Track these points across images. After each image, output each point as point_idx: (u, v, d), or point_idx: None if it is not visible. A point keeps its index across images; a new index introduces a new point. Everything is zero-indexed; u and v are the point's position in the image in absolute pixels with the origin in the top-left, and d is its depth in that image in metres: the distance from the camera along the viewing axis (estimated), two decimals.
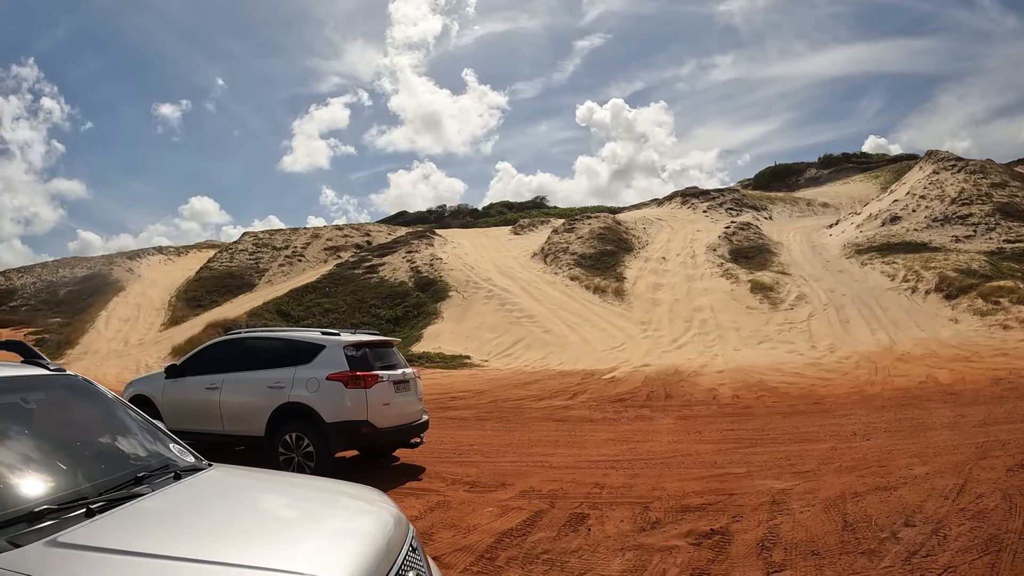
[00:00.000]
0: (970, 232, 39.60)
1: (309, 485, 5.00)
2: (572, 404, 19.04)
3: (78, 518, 3.33)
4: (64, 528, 3.18)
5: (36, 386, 4.24)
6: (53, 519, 3.26)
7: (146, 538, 3.33)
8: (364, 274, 48.55)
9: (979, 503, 7.78)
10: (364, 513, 4.19)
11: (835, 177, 75.61)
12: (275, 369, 11.64)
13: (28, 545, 2.98)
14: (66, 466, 3.92)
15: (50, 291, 58.83)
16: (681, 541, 7.43)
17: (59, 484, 3.67)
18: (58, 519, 3.28)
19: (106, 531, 3.26)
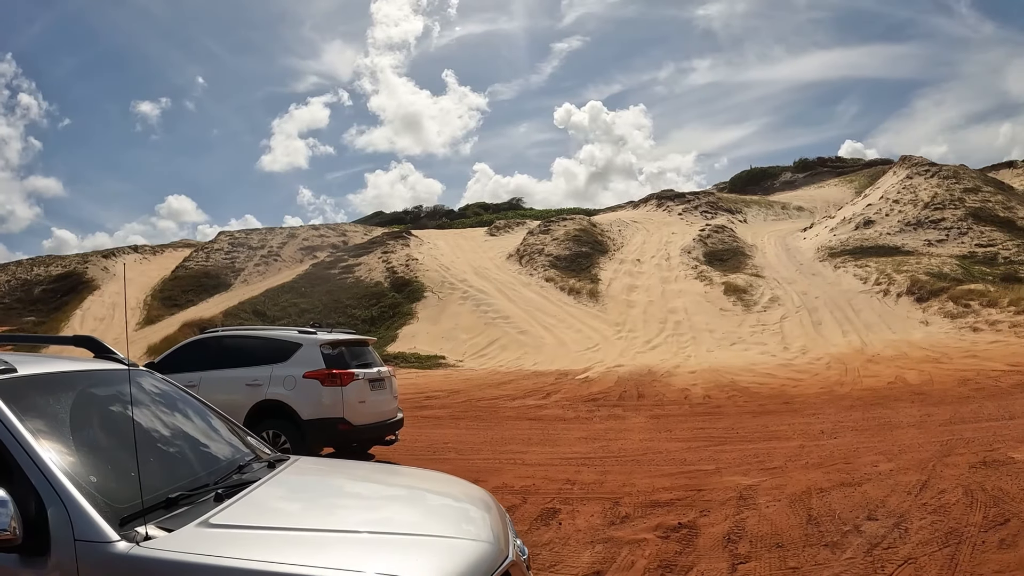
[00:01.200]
0: (942, 236, 39.94)
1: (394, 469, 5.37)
2: (546, 403, 19.16)
3: (210, 503, 3.50)
4: (203, 512, 3.34)
5: (120, 380, 4.32)
6: (188, 504, 3.44)
7: (283, 517, 3.69)
8: (340, 274, 48.52)
9: (941, 498, 7.95)
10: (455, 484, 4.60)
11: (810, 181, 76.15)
12: (252, 367, 11.70)
13: (180, 529, 3.14)
14: (176, 456, 4.13)
15: (24, 290, 58.44)
16: (650, 534, 7.55)
17: (177, 473, 3.88)
18: (193, 504, 3.46)
19: (245, 513, 3.47)
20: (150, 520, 3.12)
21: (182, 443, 4.30)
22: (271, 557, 2.96)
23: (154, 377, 4.75)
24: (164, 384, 4.76)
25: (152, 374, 4.79)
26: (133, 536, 2.99)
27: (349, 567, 2.95)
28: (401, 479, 4.91)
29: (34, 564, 2.94)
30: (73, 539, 2.94)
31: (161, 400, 4.53)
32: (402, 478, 4.95)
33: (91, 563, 2.91)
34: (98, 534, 2.96)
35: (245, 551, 3.00)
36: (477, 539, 3.51)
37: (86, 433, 3.79)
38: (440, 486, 4.56)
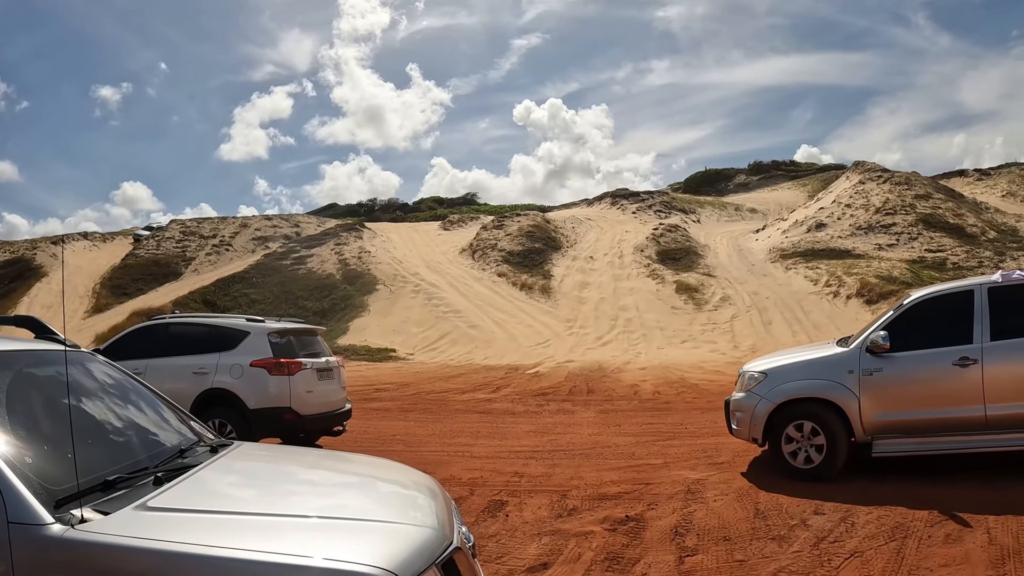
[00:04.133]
0: (893, 241, 40.41)
1: (340, 456, 5.45)
2: (495, 397, 19.14)
3: (149, 486, 3.41)
4: (141, 496, 3.26)
5: (60, 361, 4.20)
6: (125, 487, 3.34)
7: (225, 501, 3.63)
8: (292, 265, 48.22)
9: (888, 493, 7.98)
10: (401, 471, 4.57)
11: (764, 184, 76.74)
12: (199, 355, 11.57)
13: (117, 512, 3.05)
14: (117, 439, 4.06)
15: None
16: (597, 527, 7.52)
17: (115, 456, 3.80)
18: (130, 487, 3.36)
19: (185, 496, 3.39)
20: (86, 503, 3.02)
21: (124, 427, 4.21)
22: (211, 541, 2.88)
23: (97, 360, 4.63)
24: (108, 368, 4.65)
25: (96, 357, 4.68)
26: (68, 519, 2.90)
27: (292, 551, 2.88)
28: (348, 465, 4.83)
29: None
30: (7, 521, 2.85)
31: (104, 383, 4.43)
32: (349, 464, 4.87)
33: (25, 546, 2.83)
34: (32, 516, 2.87)
35: (183, 535, 2.92)
36: (422, 524, 3.45)
37: (22, 413, 3.70)
38: (386, 472, 4.51)
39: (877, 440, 8.70)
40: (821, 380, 9.07)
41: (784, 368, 9.51)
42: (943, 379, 8.57)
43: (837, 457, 8.78)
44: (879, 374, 8.76)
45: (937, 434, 8.53)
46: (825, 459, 8.80)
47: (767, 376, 9.43)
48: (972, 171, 64.04)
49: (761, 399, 9.27)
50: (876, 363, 8.78)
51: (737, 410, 9.64)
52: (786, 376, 9.35)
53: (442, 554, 3.30)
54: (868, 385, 8.77)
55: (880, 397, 8.73)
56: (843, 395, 8.83)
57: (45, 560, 2.81)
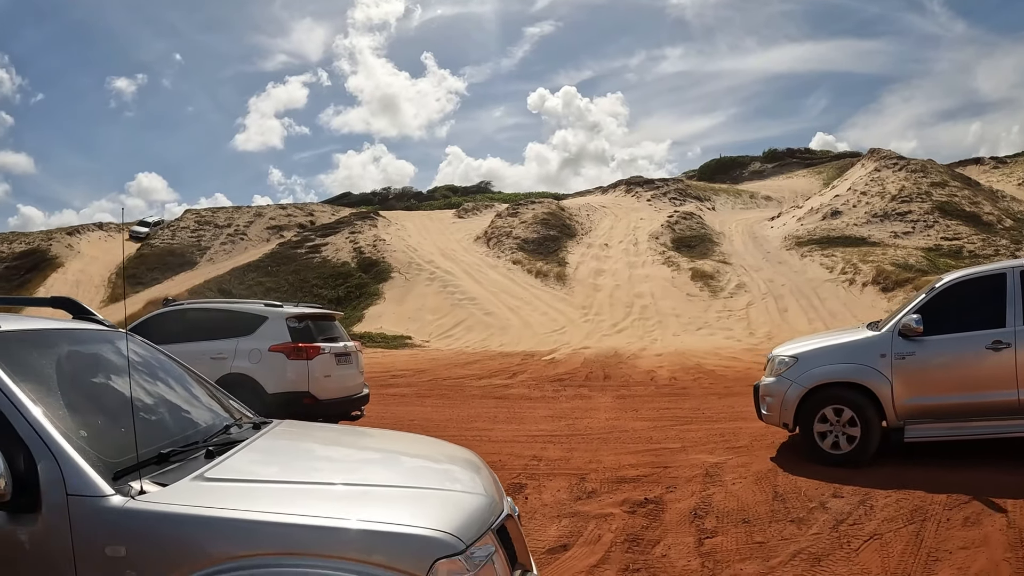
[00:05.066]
0: (909, 229, 40.25)
1: (382, 432, 5.52)
2: (512, 383, 19.17)
3: (201, 459, 3.47)
4: (197, 468, 3.31)
5: (101, 340, 4.30)
6: (179, 461, 3.41)
7: (278, 472, 3.74)
8: (307, 254, 48.34)
9: (908, 477, 7.98)
10: (444, 445, 4.71)
11: (779, 171, 76.34)
12: (217, 341, 11.57)
13: (175, 483, 3.11)
14: (164, 415, 4.10)
15: None
16: (616, 509, 7.55)
17: (165, 431, 3.85)
18: (184, 460, 3.43)
19: (240, 468, 3.47)
20: (143, 475, 3.08)
21: (169, 404, 4.25)
22: (271, 508, 2.97)
23: (135, 340, 4.66)
24: (146, 347, 4.71)
25: (134, 337, 4.71)
26: (127, 490, 2.95)
27: (354, 517, 2.99)
28: (392, 441, 4.95)
29: (21, 521, 2.90)
30: (65, 494, 2.89)
31: (147, 362, 4.49)
32: (393, 440, 4.99)
33: (85, 518, 2.87)
34: (92, 488, 2.92)
35: (242, 503, 3.00)
36: (476, 493, 3.56)
37: (72, 390, 3.73)
38: (430, 447, 4.61)
39: (909, 425, 8.63)
40: (853, 364, 8.99)
41: (815, 352, 9.43)
42: (976, 363, 8.50)
43: (870, 442, 8.72)
44: (912, 358, 8.69)
45: (970, 419, 8.47)
46: (858, 444, 8.74)
47: (798, 360, 9.35)
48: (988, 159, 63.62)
49: (792, 384, 9.19)
50: (909, 347, 8.70)
51: (767, 395, 9.56)
52: (817, 360, 9.27)
53: (496, 520, 3.39)
54: (900, 369, 8.69)
55: (913, 381, 8.66)
56: (875, 379, 8.75)
57: (106, 530, 2.85)
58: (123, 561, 2.82)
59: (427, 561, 2.85)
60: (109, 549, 2.83)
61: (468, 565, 2.94)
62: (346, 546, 2.84)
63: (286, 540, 2.83)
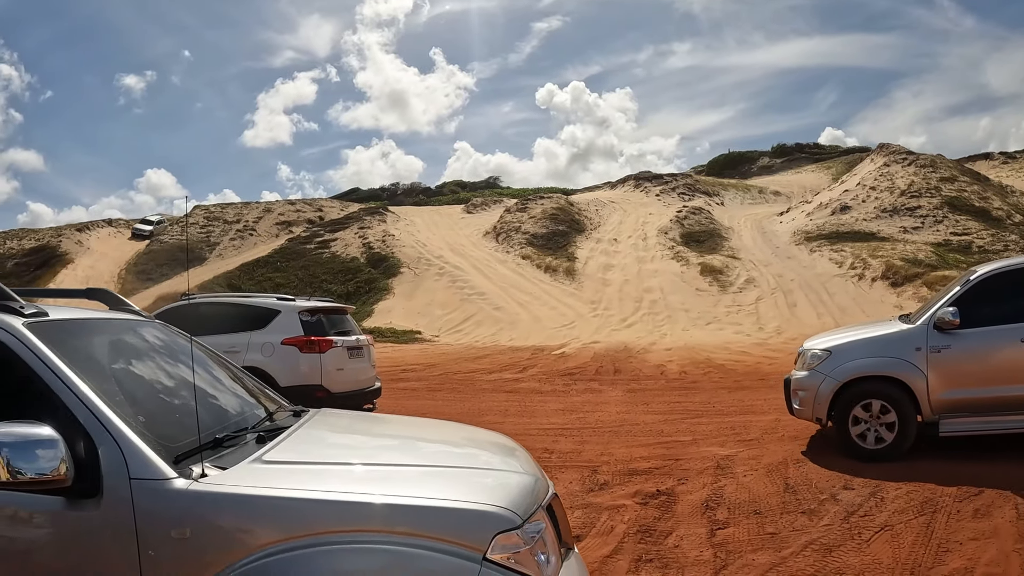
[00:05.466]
0: (918, 224, 40.18)
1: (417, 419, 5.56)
2: (522, 377, 19.23)
3: (252, 444, 3.56)
4: (252, 452, 3.39)
5: (143, 329, 4.38)
6: (231, 445, 3.50)
7: (331, 454, 3.81)
8: (316, 249, 48.46)
9: (918, 469, 8.03)
10: (482, 431, 4.81)
11: (788, 166, 76.21)
12: (230, 334, 11.62)
13: (235, 466, 3.19)
14: (211, 402, 4.11)
15: None
16: (628, 501, 7.60)
17: (215, 417, 3.85)
18: (236, 446, 3.51)
19: (293, 452, 3.54)
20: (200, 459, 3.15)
21: (211, 391, 4.29)
22: (333, 487, 3.05)
23: (173, 330, 4.75)
24: (185, 337, 4.72)
25: (170, 327, 4.78)
26: (189, 473, 3.01)
27: (413, 494, 3.07)
28: (431, 426, 5.05)
29: (82, 506, 2.93)
30: (128, 478, 2.93)
31: (188, 352, 4.47)
32: (431, 425, 5.08)
33: (149, 501, 2.92)
34: (155, 472, 2.97)
35: (305, 483, 3.09)
36: (525, 472, 3.63)
37: (124, 377, 3.80)
38: (470, 431, 4.72)
39: (944, 419, 8.56)
40: (888, 358, 8.88)
41: (849, 345, 9.30)
42: (1011, 356, 8.44)
43: (907, 437, 8.63)
44: (947, 351, 8.60)
45: (1005, 413, 8.40)
46: (895, 439, 8.64)
47: (831, 354, 9.22)
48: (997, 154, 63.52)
49: (826, 377, 9.06)
50: (944, 340, 8.62)
51: (799, 389, 9.43)
52: (851, 354, 9.15)
53: (545, 498, 3.49)
54: (936, 362, 8.60)
55: (948, 375, 8.57)
56: (910, 373, 8.65)
57: (171, 512, 2.90)
58: (188, 542, 2.87)
59: (488, 535, 2.95)
60: (175, 531, 2.88)
61: (524, 539, 3.04)
62: (411, 522, 2.93)
63: (353, 517, 2.92)
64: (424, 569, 2.87)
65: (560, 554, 3.44)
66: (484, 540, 2.94)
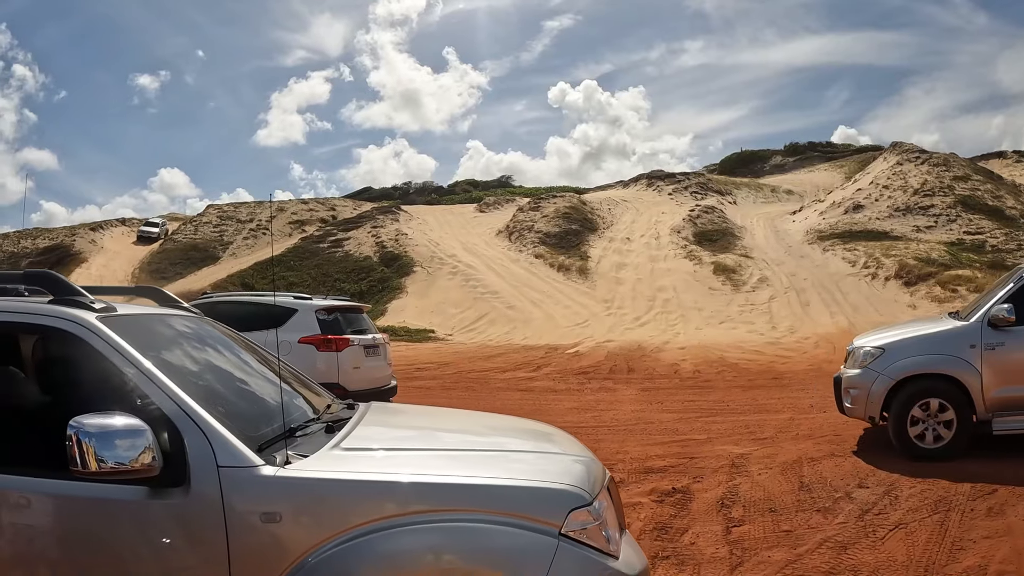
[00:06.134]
0: (931, 223, 40.15)
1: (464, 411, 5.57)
2: (536, 376, 19.31)
3: (322, 434, 3.68)
4: (326, 440, 3.50)
5: (199, 324, 4.49)
6: (303, 435, 3.62)
7: (401, 441, 3.94)
8: (329, 248, 48.57)
9: (931, 468, 8.07)
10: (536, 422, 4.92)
11: (800, 165, 76.11)
12: (247, 333, 11.66)
13: (315, 453, 3.29)
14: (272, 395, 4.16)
15: (11, 262, 58.16)
16: (644, 498, 7.65)
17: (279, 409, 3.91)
18: (308, 435, 3.63)
19: (366, 439, 3.65)
20: (281, 447, 3.24)
21: (268, 383, 4.32)
22: (413, 471, 3.21)
23: (225, 328, 4.82)
24: (236, 334, 4.84)
25: (217, 323, 4.86)
26: (274, 460, 3.11)
27: (490, 475, 3.23)
28: (481, 415, 5.23)
29: (169, 495, 3.02)
30: (216, 466, 3.02)
31: (244, 348, 4.63)
32: (480, 414, 5.25)
33: (238, 489, 3.01)
34: (243, 460, 3.07)
35: (386, 468, 3.26)
36: (586, 455, 3.80)
37: (194, 369, 3.89)
38: (521, 421, 4.94)
39: (996, 417, 8.47)
40: (942, 355, 8.73)
41: (902, 343, 9.15)
42: None
43: (964, 435, 8.53)
44: (1001, 348, 8.48)
45: None
46: (953, 438, 8.53)
47: (884, 351, 9.06)
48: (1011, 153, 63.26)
49: (879, 375, 8.89)
50: (998, 337, 8.50)
51: (851, 387, 9.25)
52: (905, 351, 8.99)
53: (606, 479, 3.65)
54: (991, 360, 8.49)
55: (1003, 372, 8.46)
56: (965, 370, 8.53)
57: (260, 499, 3.01)
58: (278, 527, 2.97)
59: (564, 511, 3.10)
60: (264, 517, 2.98)
61: (593, 515, 3.17)
62: (492, 500, 3.06)
63: (436, 497, 3.07)
64: (505, 544, 3.01)
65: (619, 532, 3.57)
66: (560, 516, 3.08)
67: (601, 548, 3.17)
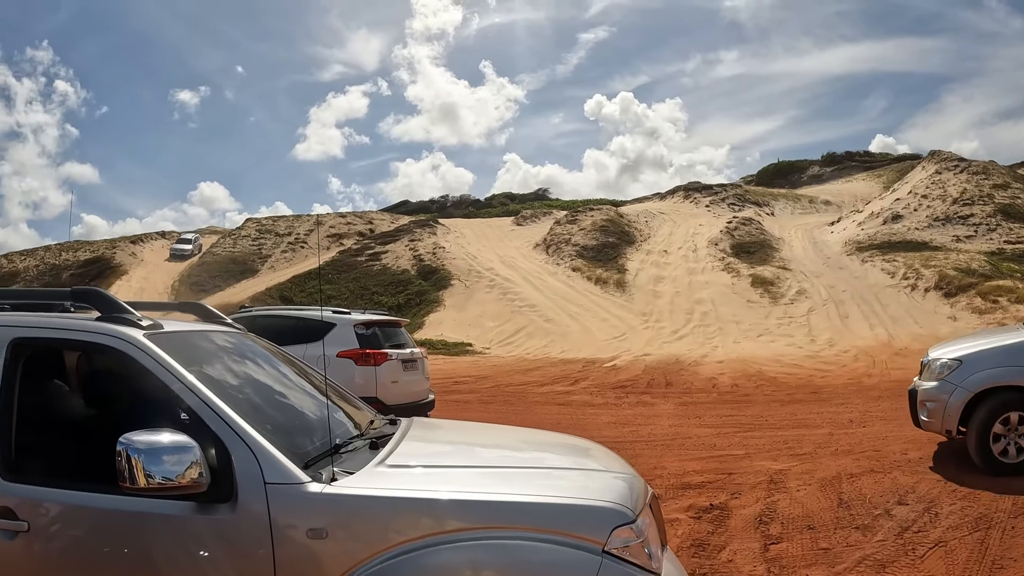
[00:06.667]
0: (971, 232, 39.74)
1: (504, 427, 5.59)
2: (574, 390, 19.32)
3: (367, 450, 3.70)
4: (371, 457, 3.54)
5: (242, 340, 4.56)
6: (348, 451, 3.64)
7: (445, 458, 3.97)
8: (367, 261, 48.78)
9: (971, 485, 8.01)
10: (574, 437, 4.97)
11: (838, 175, 75.64)
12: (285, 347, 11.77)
13: (361, 470, 3.34)
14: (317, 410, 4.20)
15: (53, 274, 59.00)
16: (682, 515, 7.65)
17: (325, 426, 3.95)
18: (353, 451, 3.66)
19: (411, 456, 3.68)
20: (326, 463, 3.30)
21: (311, 398, 4.36)
22: (458, 488, 3.25)
23: (269, 343, 4.89)
24: (279, 349, 4.92)
25: (260, 339, 4.93)
26: (320, 477, 3.17)
27: (535, 492, 3.27)
28: (521, 431, 5.34)
29: (215, 510, 3.09)
30: (263, 483, 3.08)
31: (283, 362, 4.68)
32: (519, 430, 5.36)
33: (285, 505, 3.08)
34: (290, 477, 3.13)
35: (432, 484, 3.30)
36: (627, 472, 3.82)
37: (240, 386, 3.94)
38: (561, 436, 5.02)
39: None
40: (1021, 367, 8.43)
41: (981, 354, 8.83)
42: None
43: None
44: None
45: None
46: None
47: (962, 363, 8.77)
48: None
49: (957, 388, 8.58)
50: None
51: (927, 400, 8.95)
52: (984, 363, 8.68)
53: (648, 497, 3.66)
54: None
55: None
56: None
57: (307, 516, 3.07)
58: (324, 544, 3.03)
59: (607, 529, 3.13)
60: (311, 533, 3.04)
61: (636, 533, 3.20)
62: (535, 518, 3.11)
63: (481, 515, 3.10)
64: (549, 561, 3.04)
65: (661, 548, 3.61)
66: (604, 533, 3.11)
67: (643, 565, 3.19)
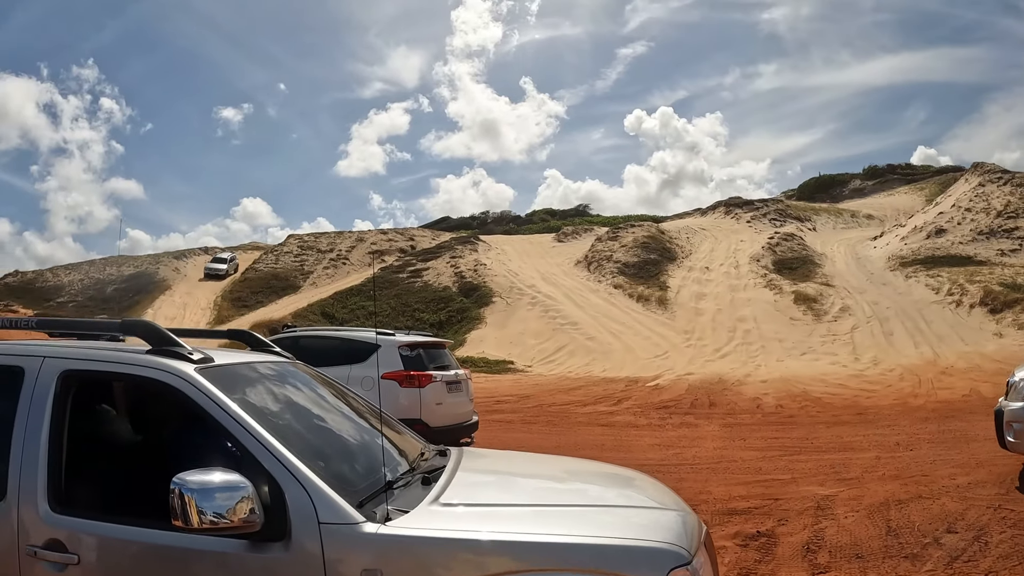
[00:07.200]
0: (1016, 246, 39.33)
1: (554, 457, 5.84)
2: (617, 410, 19.29)
3: (419, 486, 3.73)
4: (425, 494, 3.56)
5: (292, 371, 4.59)
6: (401, 487, 3.66)
7: (498, 495, 3.92)
8: (408, 278, 48.95)
9: (1021, 512, 7.95)
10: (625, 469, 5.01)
11: (880, 189, 75.11)
12: (330, 368, 11.89)
13: (415, 509, 3.34)
14: (367, 443, 4.23)
15: (97, 288, 59.83)
16: (728, 542, 7.64)
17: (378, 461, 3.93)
18: (405, 487, 3.69)
19: (464, 494, 3.66)
20: (380, 502, 3.31)
21: (366, 432, 4.39)
22: (514, 529, 3.22)
23: (316, 371, 4.92)
24: (323, 375, 4.94)
25: (309, 367, 4.94)
26: (374, 516, 3.18)
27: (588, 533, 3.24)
28: (572, 462, 5.33)
29: (268, 549, 3.11)
30: (317, 522, 3.10)
31: (328, 391, 4.69)
32: (571, 462, 5.36)
33: (339, 545, 3.08)
34: (344, 516, 3.13)
35: (486, 525, 3.27)
36: (683, 509, 3.86)
37: (292, 420, 3.98)
38: (613, 468, 4.96)
39: None
40: None
41: None
42: None
43: None
44: None
45: None
46: None
47: None
48: None
49: None
50: None
51: (1015, 421, 8.77)
52: None
53: (703, 532, 3.69)
54: None
55: None
56: None
57: (362, 556, 3.08)
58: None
59: (664, 570, 3.11)
60: (365, 574, 3.04)
61: (692, 574, 3.19)
62: (592, 560, 3.10)
63: (539, 557, 3.10)
64: None
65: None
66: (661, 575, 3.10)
67: None
